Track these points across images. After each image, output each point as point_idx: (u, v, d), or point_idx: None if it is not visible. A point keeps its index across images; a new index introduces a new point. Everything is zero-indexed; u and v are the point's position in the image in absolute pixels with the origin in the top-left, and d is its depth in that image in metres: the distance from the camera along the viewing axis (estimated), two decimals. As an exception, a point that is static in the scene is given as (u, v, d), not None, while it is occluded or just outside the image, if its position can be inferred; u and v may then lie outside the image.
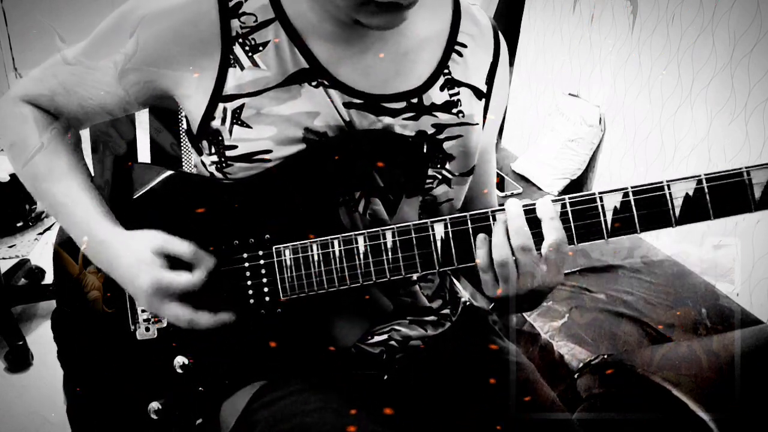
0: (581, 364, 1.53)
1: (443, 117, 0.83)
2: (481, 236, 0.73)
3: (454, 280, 1.02)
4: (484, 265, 0.73)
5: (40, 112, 0.84)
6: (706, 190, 0.68)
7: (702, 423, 1.14)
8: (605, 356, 1.52)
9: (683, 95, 2.10)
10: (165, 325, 0.83)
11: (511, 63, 3.21)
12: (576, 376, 1.51)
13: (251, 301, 0.80)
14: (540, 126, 2.89)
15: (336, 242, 0.76)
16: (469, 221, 0.74)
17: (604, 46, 2.50)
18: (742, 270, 1.88)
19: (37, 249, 2.62)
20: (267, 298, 0.80)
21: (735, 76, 1.90)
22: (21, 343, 1.96)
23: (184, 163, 1.10)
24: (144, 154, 1.04)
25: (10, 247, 2.64)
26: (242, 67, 0.77)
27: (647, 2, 2.25)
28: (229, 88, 0.77)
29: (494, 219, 0.73)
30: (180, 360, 0.82)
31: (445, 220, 0.74)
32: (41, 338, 2.06)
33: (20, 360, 1.93)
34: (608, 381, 1.42)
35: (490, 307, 0.99)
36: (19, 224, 2.72)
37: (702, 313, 1.73)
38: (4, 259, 2.53)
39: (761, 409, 1.16)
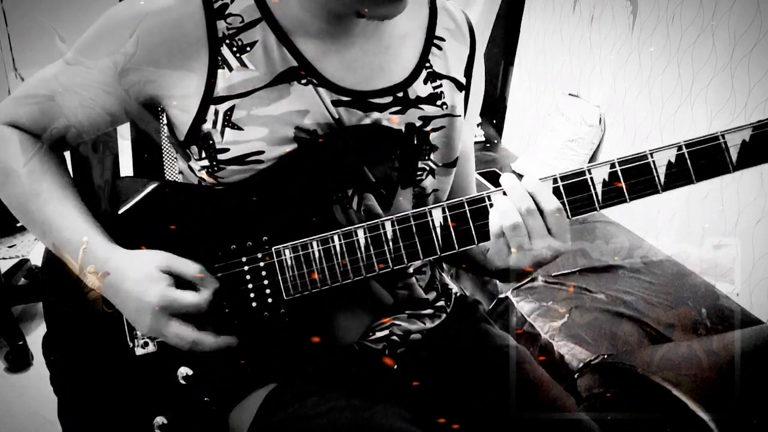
0: (581, 364, 1.53)
1: (429, 109, 0.85)
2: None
3: (443, 274, 1.04)
4: (497, 230, 0.74)
5: (24, 134, 0.82)
6: (687, 156, 0.72)
7: (702, 423, 1.14)
8: (605, 356, 1.52)
9: (683, 95, 2.10)
10: None
11: (511, 63, 3.21)
12: (576, 376, 1.51)
13: (253, 304, 0.80)
14: (540, 126, 2.89)
15: (336, 237, 0.76)
16: (466, 204, 0.75)
17: (604, 46, 2.50)
18: (742, 270, 1.87)
19: (37, 249, 2.62)
20: (269, 300, 0.79)
21: (735, 76, 1.90)
22: (21, 343, 1.96)
23: (166, 171, 1.08)
24: (126, 165, 1.03)
25: (10, 247, 2.64)
26: (231, 68, 0.77)
27: (647, 2, 2.25)
28: (220, 89, 0.77)
29: (490, 200, 0.75)
30: (183, 371, 0.81)
31: (442, 205, 0.75)
32: (41, 338, 2.05)
33: (20, 360, 1.93)
34: (608, 381, 1.42)
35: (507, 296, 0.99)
36: (19, 224, 2.72)
37: (702, 313, 1.73)
38: (4, 259, 2.53)
39: (761, 409, 1.16)
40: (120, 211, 0.82)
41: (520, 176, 0.76)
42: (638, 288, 1.86)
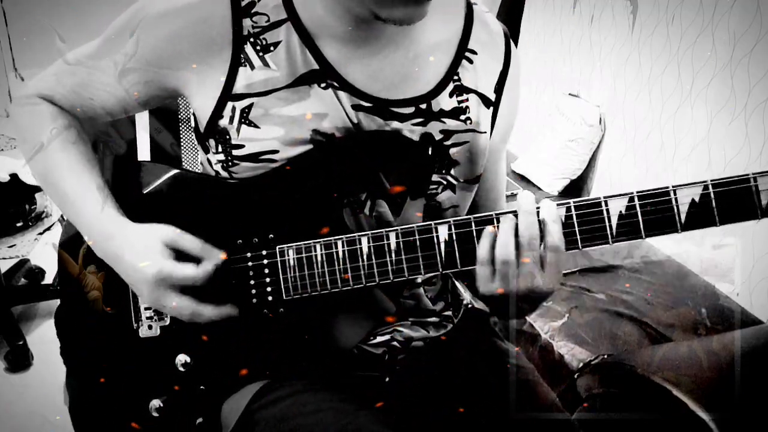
0: (581, 364, 1.53)
1: (451, 123, 0.83)
2: (489, 228, 0.72)
3: (456, 282, 1.02)
4: (485, 258, 0.72)
5: (56, 108, 0.85)
6: (713, 196, 0.68)
7: (702, 423, 1.14)
8: (605, 356, 1.52)
9: (683, 95, 2.10)
10: (168, 323, 0.83)
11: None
12: (576, 376, 1.51)
13: (254, 300, 0.80)
14: (540, 126, 2.89)
15: (339, 243, 0.76)
16: (473, 223, 0.73)
17: (604, 46, 2.50)
18: (742, 270, 1.87)
19: (37, 249, 2.62)
20: (270, 298, 0.79)
21: (735, 76, 1.90)
22: (21, 343, 1.96)
23: (186, 163, 1.10)
24: (144, 153, 1.04)
25: (10, 247, 2.64)
26: (252, 67, 0.78)
27: (647, 2, 2.25)
28: (239, 87, 0.78)
29: (498, 222, 0.72)
30: (182, 358, 0.82)
31: (449, 222, 0.74)
32: (41, 338, 2.06)
33: (20, 360, 1.93)
34: (608, 381, 1.42)
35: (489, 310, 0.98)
36: (19, 224, 2.72)
37: (702, 313, 1.73)
38: (4, 259, 2.53)
39: (761, 409, 1.16)
40: (144, 192, 0.84)
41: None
42: (638, 288, 1.86)
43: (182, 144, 1.11)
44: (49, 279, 2.38)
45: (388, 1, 0.70)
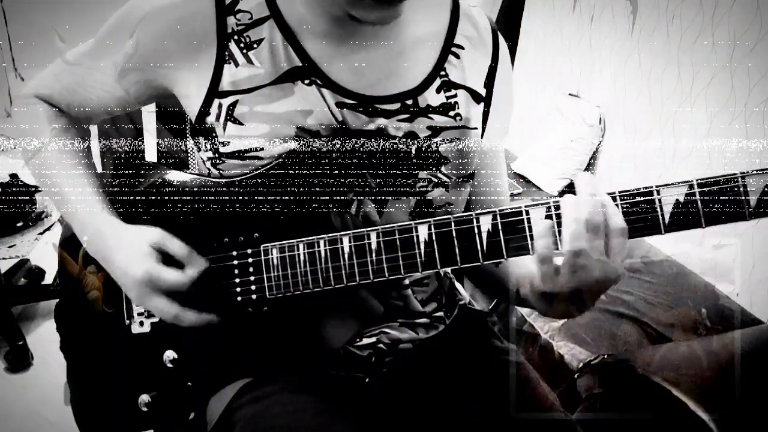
0: (581, 364, 1.53)
1: (439, 119, 0.83)
2: (548, 223, 0.66)
3: (456, 282, 1.01)
4: (546, 256, 0.66)
5: (54, 109, 0.86)
6: (698, 197, 0.64)
7: (702, 423, 1.14)
8: (605, 356, 1.52)
9: (683, 95, 2.10)
10: (157, 319, 0.84)
11: (511, 62, 3.21)
12: (576, 376, 1.51)
13: (238, 298, 0.80)
14: (540, 126, 2.89)
15: (321, 242, 0.76)
16: (453, 223, 0.71)
17: (604, 46, 2.50)
18: (742, 270, 1.87)
19: (37, 249, 2.62)
20: (254, 297, 0.80)
21: (735, 76, 1.90)
22: (21, 343, 1.95)
23: (193, 161, 1.10)
24: (151, 154, 1.05)
25: (10, 247, 2.64)
26: (237, 64, 0.78)
27: (647, 2, 2.25)
28: (225, 84, 0.78)
29: (478, 221, 0.70)
30: (169, 354, 0.83)
31: (429, 221, 0.72)
32: (41, 338, 2.06)
33: (20, 360, 1.93)
34: (608, 381, 1.42)
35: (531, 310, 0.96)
36: (19, 224, 2.73)
37: (702, 313, 1.73)
38: (4, 259, 2.53)
39: (761, 409, 1.16)
40: (135, 190, 0.85)
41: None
42: (638, 288, 1.85)
43: (186, 141, 1.11)
44: (49, 279, 2.38)
45: (362, 3, 0.71)
